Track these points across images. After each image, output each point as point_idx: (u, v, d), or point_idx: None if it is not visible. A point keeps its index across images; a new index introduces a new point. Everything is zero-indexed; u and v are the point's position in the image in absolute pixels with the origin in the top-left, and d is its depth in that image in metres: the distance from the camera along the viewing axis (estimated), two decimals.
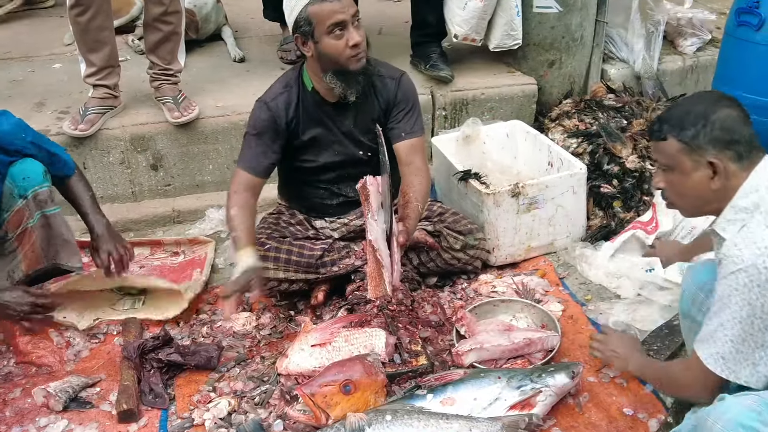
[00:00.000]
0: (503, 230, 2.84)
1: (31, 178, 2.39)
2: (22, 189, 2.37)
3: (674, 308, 2.55)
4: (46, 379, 2.36)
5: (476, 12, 3.57)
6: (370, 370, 2.12)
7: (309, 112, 2.58)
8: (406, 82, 2.65)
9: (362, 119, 2.61)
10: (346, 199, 2.72)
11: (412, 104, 2.63)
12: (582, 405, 2.17)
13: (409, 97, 2.63)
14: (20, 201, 2.38)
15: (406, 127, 2.60)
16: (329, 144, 2.63)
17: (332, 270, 2.63)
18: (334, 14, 2.33)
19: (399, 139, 2.60)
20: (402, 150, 2.59)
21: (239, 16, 4.76)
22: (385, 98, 2.61)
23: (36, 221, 2.41)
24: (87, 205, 2.54)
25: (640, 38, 3.97)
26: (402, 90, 2.62)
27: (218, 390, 2.29)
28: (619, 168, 3.20)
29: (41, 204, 2.41)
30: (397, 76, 2.64)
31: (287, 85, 2.60)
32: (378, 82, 2.59)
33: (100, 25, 3.11)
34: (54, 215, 2.46)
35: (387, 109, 2.62)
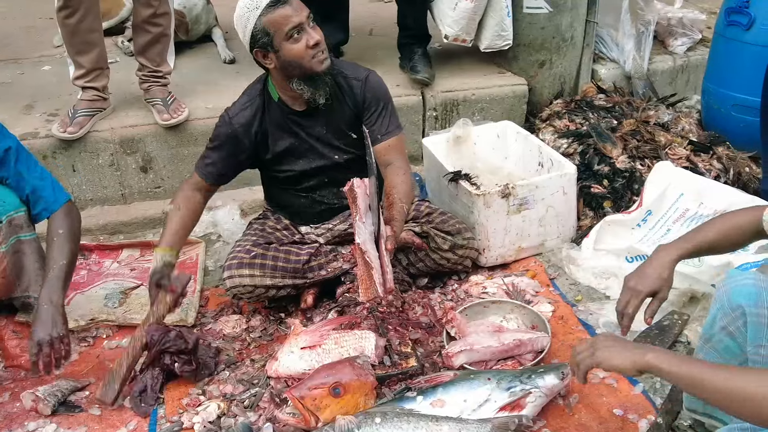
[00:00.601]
0: (494, 231, 2.84)
1: (7, 203, 2.33)
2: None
3: (664, 308, 2.55)
4: (35, 382, 2.34)
5: (467, 13, 3.57)
6: (360, 373, 2.11)
7: (277, 123, 2.56)
8: (372, 82, 2.59)
9: (333, 123, 2.58)
10: (329, 206, 2.71)
11: (383, 104, 2.58)
12: (572, 406, 2.17)
13: (379, 96, 2.58)
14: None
15: (381, 128, 2.57)
16: (303, 152, 2.61)
17: (320, 274, 2.62)
18: (289, 19, 2.31)
19: (376, 142, 2.54)
20: (380, 152, 2.55)
21: (230, 17, 4.62)
22: (353, 100, 2.57)
23: (8, 247, 2.35)
24: (52, 272, 2.28)
25: (630, 38, 3.98)
26: (370, 90, 2.57)
27: (207, 393, 2.28)
28: (610, 168, 3.21)
29: (16, 229, 2.35)
30: (362, 76, 2.58)
31: (251, 98, 2.57)
32: (344, 83, 2.56)
33: (89, 27, 3.10)
34: (30, 241, 2.40)
35: (357, 112, 2.58)
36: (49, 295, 2.24)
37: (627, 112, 3.59)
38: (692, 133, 3.53)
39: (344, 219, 2.72)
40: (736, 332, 1.76)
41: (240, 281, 2.55)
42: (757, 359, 1.70)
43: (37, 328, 2.19)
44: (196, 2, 4.19)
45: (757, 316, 1.69)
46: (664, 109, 3.64)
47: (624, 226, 2.87)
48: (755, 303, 1.70)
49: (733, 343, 1.79)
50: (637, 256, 2.76)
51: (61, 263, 2.30)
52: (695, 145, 3.37)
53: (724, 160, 3.29)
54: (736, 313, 1.74)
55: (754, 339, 1.70)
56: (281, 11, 2.30)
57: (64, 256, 2.32)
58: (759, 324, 1.69)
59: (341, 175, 2.45)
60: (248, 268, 2.54)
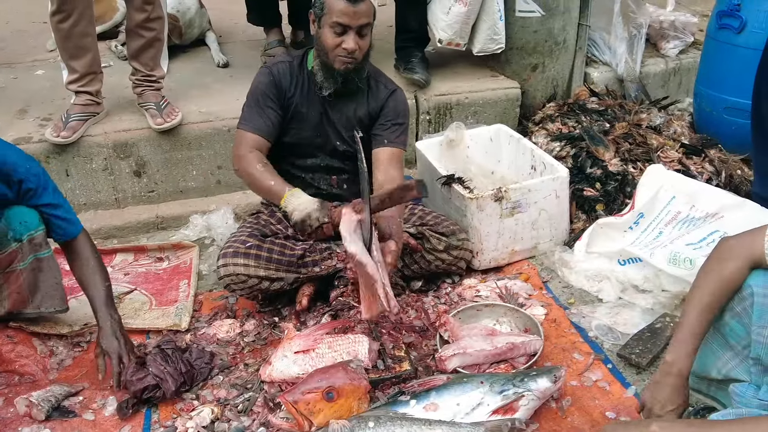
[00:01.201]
0: (487, 234, 2.85)
1: (28, 222, 2.36)
2: (17, 233, 2.35)
3: (656, 311, 2.57)
4: (29, 388, 2.34)
5: (460, 17, 3.58)
6: (354, 377, 2.12)
7: (303, 88, 2.65)
8: (400, 96, 2.74)
9: (348, 114, 2.68)
10: (319, 191, 2.73)
11: (402, 119, 2.71)
12: (565, 409, 2.18)
13: (399, 111, 2.71)
14: (15, 244, 2.36)
15: (392, 136, 2.66)
16: (311, 125, 2.69)
17: (314, 270, 2.62)
18: (342, 15, 2.43)
19: (381, 145, 2.64)
20: (382, 156, 2.63)
21: (223, 21, 4.75)
22: (375, 102, 2.69)
23: (27, 264, 2.39)
24: (100, 297, 2.41)
25: (622, 41, 4.00)
26: (393, 101, 2.70)
27: (201, 398, 2.29)
28: (602, 171, 3.22)
29: (36, 248, 2.39)
30: (392, 88, 2.73)
31: (292, 57, 2.69)
32: (374, 85, 2.70)
33: (83, 31, 3.10)
34: (47, 258, 2.43)
35: (372, 114, 2.69)
36: (110, 314, 2.40)
37: (619, 115, 3.61)
38: (684, 135, 3.54)
39: None
40: (743, 312, 1.80)
41: (234, 270, 2.55)
42: (761, 340, 1.74)
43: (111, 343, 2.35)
44: (189, 6, 4.19)
45: (763, 297, 1.74)
46: (656, 112, 3.66)
47: (616, 228, 2.89)
48: (763, 284, 1.74)
49: (739, 326, 1.82)
50: (629, 258, 2.77)
51: (107, 284, 2.46)
52: (687, 147, 3.39)
53: (716, 162, 3.30)
54: (744, 293, 1.78)
55: (759, 320, 1.75)
56: (342, 4, 2.42)
57: (107, 277, 2.48)
58: (765, 306, 1.74)
59: (336, 164, 2.58)
60: (243, 257, 2.55)
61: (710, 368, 1.95)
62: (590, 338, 2.51)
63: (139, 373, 2.26)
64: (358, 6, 2.42)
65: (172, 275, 2.98)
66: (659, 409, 1.86)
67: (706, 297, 1.82)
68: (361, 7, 2.42)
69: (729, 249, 1.83)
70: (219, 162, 3.42)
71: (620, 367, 2.37)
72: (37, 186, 2.34)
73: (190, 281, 2.90)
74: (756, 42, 3.30)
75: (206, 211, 3.33)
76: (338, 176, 2.79)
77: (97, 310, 2.40)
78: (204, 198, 3.46)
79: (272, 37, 4.08)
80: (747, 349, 1.83)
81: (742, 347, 1.85)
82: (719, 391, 2.00)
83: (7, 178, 2.26)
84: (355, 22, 2.44)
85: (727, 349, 1.89)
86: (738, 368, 1.88)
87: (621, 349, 2.41)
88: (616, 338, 2.49)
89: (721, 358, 1.92)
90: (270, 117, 2.61)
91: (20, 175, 2.28)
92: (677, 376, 1.84)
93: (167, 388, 2.24)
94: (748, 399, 1.80)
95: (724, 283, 1.80)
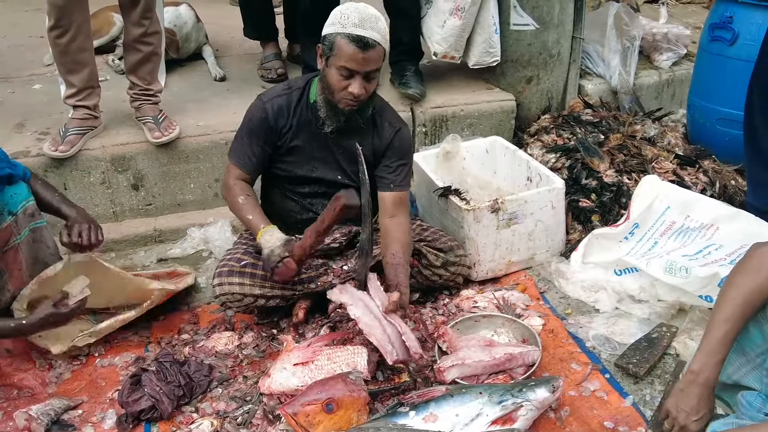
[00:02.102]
0: (484, 246, 2.86)
1: (18, 193, 2.41)
2: (12, 206, 2.38)
3: (652, 321, 2.59)
4: (28, 401, 2.34)
5: (455, 30, 3.61)
6: (353, 388, 2.12)
7: (304, 121, 2.60)
8: (405, 134, 2.69)
9: (351, 149, 2.60)
10: (316, 216, 2.73)
11: (406, 159, 2.69)
12: (563, 419, 2.18)
13: (405, 150, 2.68)
14: (9, 218, 2.38)
15: (397, 179, 2.64)
16: (311, 159, 2.65)
17: (309, 287, 2.63)
18: (351, 60, 2.35)
19: (387, 189, 2.62)
20: (388, 201, 2.61)
21: (220, 35, 4.78)
22: (379, 140, 2.64)
23: (23, 237, 2.42)
24: (58, 198, 2.55)
25: (616, 54, 4.03)
26: (399, 140, 2.65)
27: (200, 410, 2.28)
28: (597, 182, 3.24)
29: (29, 218, 2.43)
30: (397, 125, 2.67)
31: (291, 88, 2.63)
32: (379, 122, 2.64)
33: (80, 46, 3.11)
34: (41, 228, 2.49)
35: (377, 152, 2.65)
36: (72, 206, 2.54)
37: (614, 126, 3.64)
38: (678, 146, 3.57)
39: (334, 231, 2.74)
40: (763, 320, 1.79)
41: (229, 289, 2.56)
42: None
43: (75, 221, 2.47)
44: (186, 20, 4.21)
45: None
46: (650, 124, 3.69)
47: (612, 239, 2.90)
48: None
49: (758, 333, 1.81)
50: (625, 268, 2.79)
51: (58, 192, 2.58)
52: (681, 158, 3.42)
53: (710, 173, 3.33)
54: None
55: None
56: (352, 50, 2.34)
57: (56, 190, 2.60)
58: None
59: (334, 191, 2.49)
60: (238, 276, 2.55)
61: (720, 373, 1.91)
62: (588, 348, 2.52)
63: (135, 394, 2.26)
64: (369, 53, 2.34)
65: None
66: (684, 419, 1.84)
67: (737, 307, 1.78)
68: (371, 54, 2.35)
69: (761, 258, 1.78)
70: (216, 175, 3.43)
71: (618, 376, 2.38)
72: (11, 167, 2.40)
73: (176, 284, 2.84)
74: (748, 54, 3.33)
75: (204, 224, 3.34)
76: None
77: (59, 208, 2.52)
78: (201, 211, 3.47)
79: (269, 50, 4.10)
80: (761, 357, 1.81)
81: (756, 355, 1.83)
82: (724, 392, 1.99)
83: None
84: (364, 68, 2.37)
85: (740, 355, 1.87)
86: (749, 375, 1.86)
87: (618, 359, 2.42)
88: (614, 348, 2.50)
89: (733, 364, 1.90)
90: (255, 153, 2.60)
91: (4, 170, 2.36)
92: (704, 386, 1.82)
93: (164, 410, 2.24)
94: (754, 412, 1.79)
95: (757, 294, 1.76)
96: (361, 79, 2.39)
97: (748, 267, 1.80)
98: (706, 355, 1.82)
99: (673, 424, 1.87)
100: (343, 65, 2.36)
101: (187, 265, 3.16)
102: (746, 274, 1.80)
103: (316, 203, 2.72)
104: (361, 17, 2.34)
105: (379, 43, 2.36)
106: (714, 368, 1.82)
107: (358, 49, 2.33)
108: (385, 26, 2.41)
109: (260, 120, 2.57)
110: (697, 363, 1.84)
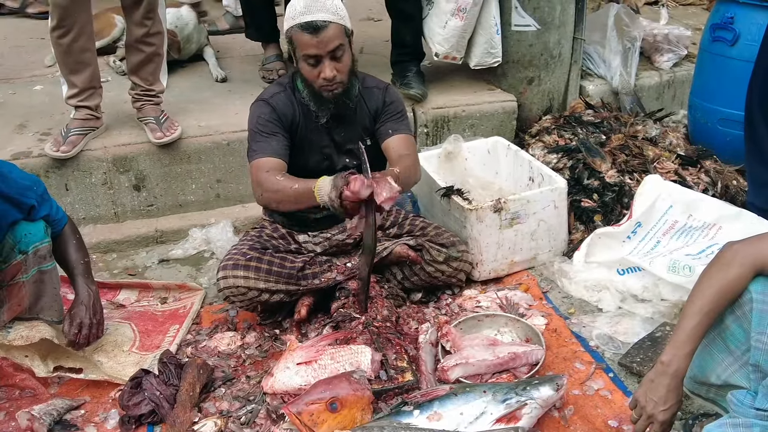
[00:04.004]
0: (486, 245, 2.86)
1: (33, 234, 2.37)
2: (23, 245, 2.35)
3: (656, 320, 2.59)
4: (30, 402, 2.33)
5: (456, 31, 3.62)
6: (357, 387, 2.12)
7: (304, 114, 2.61)
8: (393, 90, 2.74)
9: (352, 128, 2.66)
10: (330, 212, 2.73)
11: (400, 110, 2.70)
12: (567, 418, 2.18)
13: (397, 103, 2.70)
14: (20, 256, 2.36)
15: (394, 126, 2.65)
16: (318, 149, 2.65)
17: (313, 283, 2.63)
18: (309, 47, 2.40)
19: (387, 136, 2.64)
20: (391, 146, 2.63)
21: (220, 36, 4.78)
22: (373, 106, 2.67)
23: (29, 276, 2.39)
24: (79, 269, 2.49)
25: (617, 55, 4.04)
26: (390, 96, 2.69)
27: (204, 410, 2.28)
28: (599, 182, 3.24)
29: (40, 260, 2.39)
30: (383, 85, 2.72)
31: (282, 86, 2.64)
32: (366, 94, 2.67)
33: (82, 46, 3.11)
34: (49, 271, 2.44)
35: (375, 116, 2.68)
36: (87, 284, 2.48)
37: (615, 127, 3.64)
38: (680, 147, 3.57)
39: (342, 229, 2.74)
40: (743, 317, 1.80)
41: (234, 282, 2.55)
42: (759, 346, 1.74)
43: (80, 310, 2.43)
44: (187, 22, 4.22)
45: (763, 303, 1.74)
46: (651, 124, 3.69)
47: (614, 238, 2.90)
48: (762, 290, 1.75)
49: (739, 329, 1.82)
50: (628, 268, 2.79)
51: (86, 260, 2.53)
52: (683, 158, 3.42)
53: (711, 173, 3.33)
54: (744, 299, 1.78)
55: (758, 326, 1.74)
56: (305, 37, 2.39)
57: (86, 255, 2.56)
58: (764, 312, 1.74)
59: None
60: (243, 269, 2.55)
61: (710, 374, 1.94)
62: (591, 347, 2.52)
63: (135, 398, 2.26)
64: (322, 35, 2.37)
65: (168, 318, 2.81)
66: (652, 408, 1.85)
67: (707, 301, 1.81)
68: (325, 34, 2.37)
69: (734, 254, 1.82)
70: (218, 176, 3.44)
71: (622, 375, 2.38)
72: (40, 202, 2.37)
73: (181, 327, 2.72)
74: (749, 54, 3.33)
75: (206, 225, 3.34)
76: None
77: (75, 280, 2.48)
78: (203, 211, 3.46)
79: (270, 52, 4.10)
80: (747, 354, 1.82)
81: (741, 352, 1.85)
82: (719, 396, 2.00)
83: (19, 204, 2.31)
84: (324, 49, 2.39)
85: (727, 354, 1.89)
86: (737, 374, 1.88)
87: (622, 357, 2.42)
88: (617, 347, 2.50)
89: (720, 364, 1.91)
90: (280, 141, 2.54)
91: (31, 200, 2.34)
92: (673, 377, 1.84)
93: (164, 414, 2.24)
94: (745, 408, 1.80)
95: (727, 288, 1.79)
96: (329, 61, 2.42)
97: (720, 262, 1.84)
98: (676, 346, 1.84)
99: (641, 413, 1.89)
100: (305, 54, 2.42)
101: (189, 266, 3.16)
102: (717, 269, 1.83)
103: None
104: (306, 3, 2.38)
105: (330, 21, 2.38)
106: (684, 359, 1.84)
107: (310, 35, 2.37)
108: (335, 1, 2.42)
109: (270, 112, 2.56)
110: (667, 354, 1.86)
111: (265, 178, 2.44)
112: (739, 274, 1.78)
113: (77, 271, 2.49)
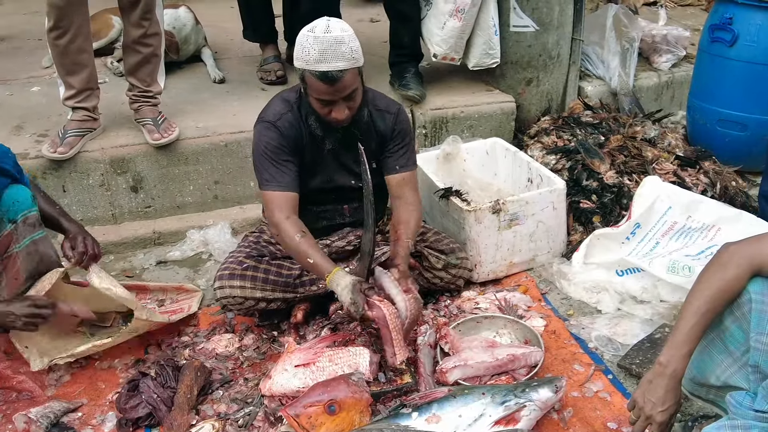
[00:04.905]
0: (485, 247, 2.86)
1: (21, 202, 2.37)
2: (12, 213, 2.35)
3: (655, 322, 2.58)
4: (27, 404, 2.33)
5: (455, 32, 3.61)
6: (355, 390, 2.11)
7: (312, 134, 2.53)
8: (403, 116, 2.63)
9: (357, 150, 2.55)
10: (330, 224, 2.72)
11: (408, 139, 2.63)
12: (566, 420, 2.18)
13: (406, 131, 2.63)
14: (9, 225, 2.35)
15: (401, 161, 2.60)
16: (323, 170, 2.61)
17: (311, 289, 2.62)
18: (323, 94, 2.32)
19: (392, 172, 2.59)
20: (393, 182, 2.59)
21: (219, 37, 4.77)
22: (382, 131, 2.59)
23: (22, 247, 2.38)
24: (58, 211, 2.56)
25: (615, 55, 4.04)
26: (400, 124, 2.60)
27: (202, 413, 2.27)
28: (598, 183, 3.24)
29: (29, 228, 2.39)
30: (394, 110, 2.61)
31: (288, 104, 2.53)
32: (376, 114, 2.58)
33: (79, 47, 3.10)
34: (42, 239, 2.44)
35: (383, 142, 2.61)
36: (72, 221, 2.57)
37: (614, 128, 3.64)
38: (678, 148, 3.57)
39: (342, 236, 2.73)
40: (741, 318, 1.79)
41: (230, 292, 2.54)
42: (759, 347, 1.74)
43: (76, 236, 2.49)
44: (185, 23, 4.21)
45: (761, 304, 1.73)
46: (650, 125, 3.69)
47: (613, 239, 2.90)
48: (761, 291, 1.74)
49: (739, 330, 1.82)
50: (627, 269, 2.78)
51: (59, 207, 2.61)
52: (682, 159, 3.41)
53: (710, 174, 3.33)
54: (743, 299, 1.78)
55: (757, 327, 1.74)
56: (320, 86, 2.30)
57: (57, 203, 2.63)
58: (763, 312, 1.73)
59: (348, 195, 2.53)
60: (239, 279, 2.54)
61: (709, 375, 1.94)
62: (590, 349, 2.51)
63: (132, 401, 2.25)
64: (338, 84, 2.28)
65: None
66: (650, 409, 1.85)
67: (704, 302, 1.81)
68: (341, 83, 2.29)
69: (731, 255, 1.81)
70: (216, 177, 3.43)
71: (621, 377, 2.37)
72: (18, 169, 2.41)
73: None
74: (748, 55, 3.35)
75: (203, 226, 3.33)
76: (350, 205, 2.70)
77: (59, 220, 2.53)
78: (201, 213, 3.45)
79: (268, 53, 4.10)
80: (746, 355, 1.82)
81: (741, 353, 1.84)
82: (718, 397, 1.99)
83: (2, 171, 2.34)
84: (339, 95, 2.32)
85: (726, 355, 1.88)
86: (737, 375, 1.88)
87: (621, 359, 2.42)
88: (616, 349, 2.49)
89: (720, 365, 1.91)
90: (291, 170, 2.47)
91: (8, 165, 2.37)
92: (671, 378, 1.83)
93: (161, 417, 2.23)
94: (744, 410, 1.80)
95: (724, 289, 1.79)
96: (342, 102, 2.35)
97: (717, 263, 1.84)
98: (674, 347, 1.84)
99: (639, 414, 1.88)
100: (317, 98, 2.35)
101: (187, 267, 3.15)
102: (714, 270, 1.83)
103: (330, 210, 2.70)
104: (321, 50, 2.24)
105: (347, 69, 2.27)
106: (681, 360, 1.84)
107: (326, 85, 2.28)
108: (351, 45, 2.28)
109: (278, 137, 2.47)
110: (665, 355, 1.85)
111: (284, 229, 2.40)
112: (737, 275, 1.78)
113: (58, 213, 2.55)
